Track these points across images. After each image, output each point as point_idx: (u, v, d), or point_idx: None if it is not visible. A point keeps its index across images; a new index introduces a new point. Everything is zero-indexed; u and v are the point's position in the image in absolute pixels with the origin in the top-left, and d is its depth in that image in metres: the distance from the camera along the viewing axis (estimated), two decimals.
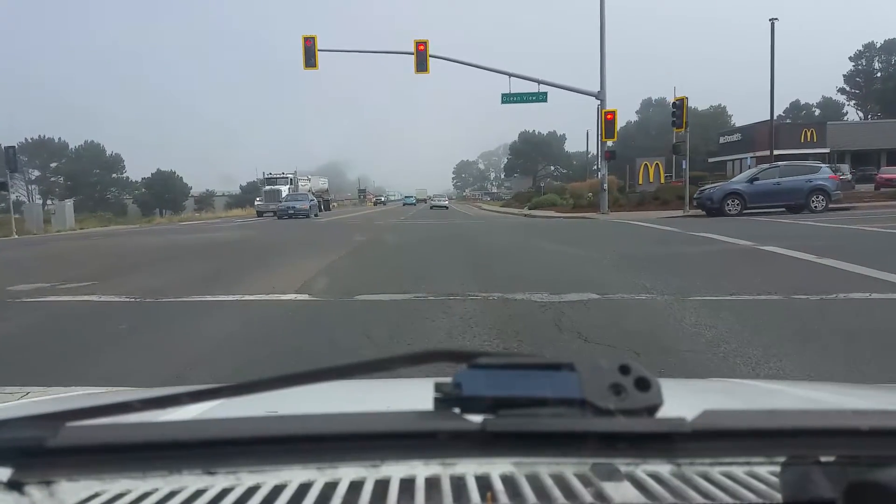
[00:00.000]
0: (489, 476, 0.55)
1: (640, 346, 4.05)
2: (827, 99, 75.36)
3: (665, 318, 4.79)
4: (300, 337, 4.43)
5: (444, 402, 0.57)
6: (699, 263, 8.00)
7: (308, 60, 24.98)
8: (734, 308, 5.11)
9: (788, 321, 4.64)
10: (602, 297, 5.67)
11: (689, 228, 14.34)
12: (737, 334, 4.27)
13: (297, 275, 7.64)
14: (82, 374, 3.64)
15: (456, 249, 11.41)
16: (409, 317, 5.06)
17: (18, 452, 0.55)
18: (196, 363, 3.86)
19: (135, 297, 6.22)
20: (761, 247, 9.44)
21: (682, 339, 4.17)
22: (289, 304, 5.70)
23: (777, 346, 3.93)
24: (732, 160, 52.18)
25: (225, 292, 6.38)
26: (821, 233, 12.35)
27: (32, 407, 1.16)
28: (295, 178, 44.14)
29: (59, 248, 15.03)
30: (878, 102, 67.07)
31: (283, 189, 39.98)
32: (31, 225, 25.66)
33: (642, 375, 0.56)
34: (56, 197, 67.70)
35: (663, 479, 0.56)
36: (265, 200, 39.80)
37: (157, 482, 0.56)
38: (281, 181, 42.35)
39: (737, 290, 5.83)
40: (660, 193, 27.02)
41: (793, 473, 0.54)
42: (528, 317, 5.05)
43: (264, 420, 0.62)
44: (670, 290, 5.92)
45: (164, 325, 5.00)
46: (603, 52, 25.70)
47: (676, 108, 23.15)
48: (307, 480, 0.56)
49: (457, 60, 26.81)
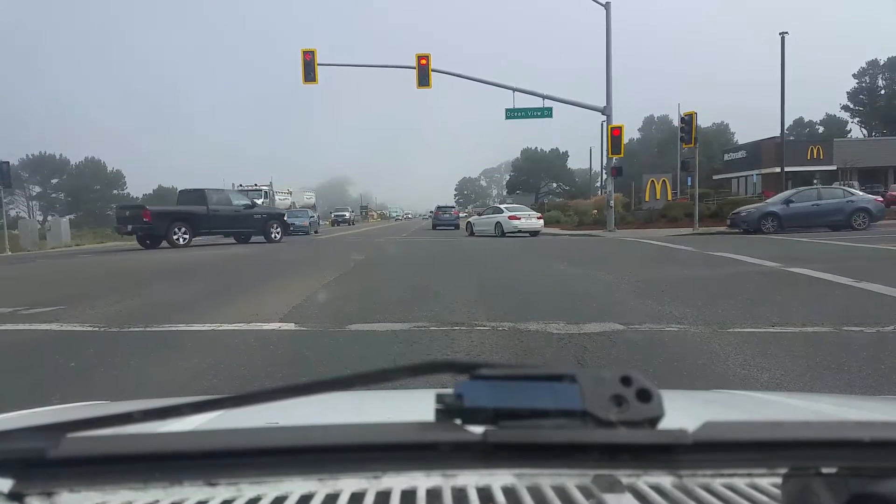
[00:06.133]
0: (490, 487, 0.56)
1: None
2: (830, 116, 75.10)
3: (706, 356, 4.10)
4: (278, 380, 3.73)
5: (446, 413, 0.57)
6: (727, 287, 7.30)
7: (307, 75, 24.50)
8: (781, 343, 4.42)
9: (849, 360, 3.95)
10: (627, 327, 4.98)
11: (704, 247, 13.67)
12: (796, 378, 3.58)
13: (284, 298, 6.95)
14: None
15: (460, 270, 10.73)
16: (408, 352, 4.38)
17: (19, 464, 0.55)
18: None
19: (99, 326, 5.53)
20: (789, 269, 8.77)
21: (733, 385, 3.48)
22: (270, 336, 4.99)
23: (848, 393, 3.25)
24: (737, 177, 51.70)
25: (201, 320, 5.69)
26: (845, 253, 11.68)
27: (33, 418, 1.12)
28: (271, 192, 37.32)
29: (41, 267, 14.36)
30: (882, 119, 66.81)
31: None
32: (25, 241, 25.15)
33: (644, 387, 0.56)
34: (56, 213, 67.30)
35: (665, 490, 0.56)
36: None
37: (158, 493, 0.55)
38: (253, 195, 35.21)
39: (779, 320, 5.14)
40: (667, 211, 26.40)
41: (795, 485, 0.54)
42: (545, 352, 4.37)
43: (265, 431, 0.61)
44: (702, 319, 5.23)
45: (119, 361, 4.29)
46: (609, 67, 25.22)
47: (685, 123, 22.59)
48: (308, 492, 0.56)
49: (460, 75, 26.33)
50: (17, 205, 76.48)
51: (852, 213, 19.44)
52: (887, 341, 4.44)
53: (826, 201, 19.99)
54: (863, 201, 19.93)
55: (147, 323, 5.61)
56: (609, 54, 25.13)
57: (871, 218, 19.42)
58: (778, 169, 32.18)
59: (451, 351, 4.38)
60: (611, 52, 25.12)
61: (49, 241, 26.46)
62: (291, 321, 5.57)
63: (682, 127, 23.16)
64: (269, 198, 37.64)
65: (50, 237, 27.01)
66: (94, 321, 5.79)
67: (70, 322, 5.80)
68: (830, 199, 20.04)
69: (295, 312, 6.05)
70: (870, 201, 20.02)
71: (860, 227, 19.00)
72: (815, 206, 19.86)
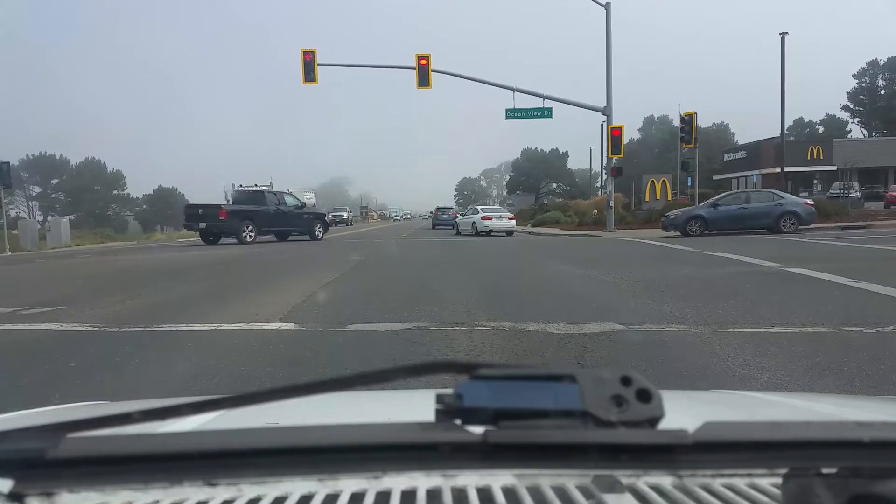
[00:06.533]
0: (490, 488, 0.56)
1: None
2: (830, 116, 75.07)
3: (706, 357, 4.10)
4: (276, 380, 3.73)
5: (446, 413, 0.57)
6: (726, 287, 7.30)
7: (308, 75, 24.47)
8: (782, 343, 4.42)
9: (850, 360, 3.94)
10: (627, 328, 4.98)
11: (703, 248, 13.67)
12: (796, 378, 3.58)
13: (285, 298, 6.95)
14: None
15: (459, 270, 10.73)
16: (409, 351, 4.38)
17: (19, 464, 0.55)
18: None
19: (99, 326, 5.53)
20: (789, 269, 8.77)
21: (733, 385, 3.48)
22: (270, 336, 4.99)
23: (849, 394, 3.25)
24: (737, 177, 51.70)
25: (201, 320, 5.68)
26: (845, 254, 11.69)
27: (33, 418, 1.12)
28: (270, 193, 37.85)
29: (42, 268, 14.37)
30: (882, 120, 66.78)
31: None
32: (25, 242, 25.14)
33: (644, 387, 0.56)
34: (57, 213, 67.28)
35: (665, 490, 0.56)
36: None
37: (159, 494, 0.55)
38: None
39: (778, 320, 5.14)
40: (667, 211, 26.35)
41: (795, 485, 0.54)
42: (545, 352, 4.37)
43: (265, 431, 0.61)
44: (702, 319, 5.23)
45: (119, 361, 4.29)
46: (609, 67, 25.21)
47: (685, 123, 22.59)
48: (308, 492, 0.56)
49: (460, 75, 26.31)
50: (16, 205, 76.49)
51: (780, 216, 19.48)
52: (887, 341, 4.44)
53: (754, 205, 20.18)
54: (792, 205, 19.96)
55: (148, 322, 5.61)
56: (609, 54, 25.12)
57: (799, 221, 19.38)
58: (778, 169, 32.16)
59: (451, 351, 4.38)
60: (611, 53, 25.11)
61: (49, 241, 26.45)
62: (291, 321, 5.57)
63: (682, 127, 23.17)
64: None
65: (50, 237, 27.00)
66: (95, 320, 5.79)
67: (71, 322, 5.80)
68: (758, 203, 20.19)
69: (295, 312, 6.05)
70: (799, 205, 20.07)
71: (788, 231, 19.07)
72: (743, 210, 20.09)
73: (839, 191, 36.55)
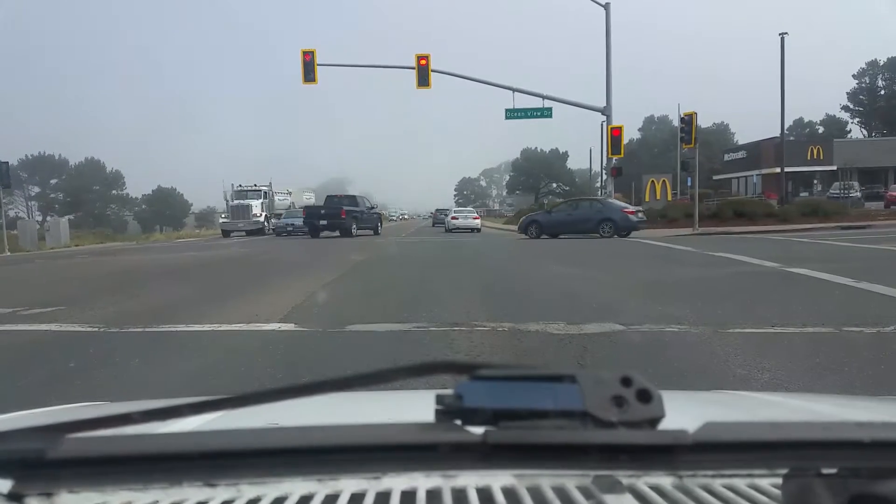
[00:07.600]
0: (490, 488, 0.55)
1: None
2: (830, 116, 74.98)
3: (706, 357, 4.10)
4: (276, 380, 3.73)
5: (446, 413, 0.57)
6: (726, 288, 7.31)
7: (307, 75, 24.50)
8: (782, 344, 4.42)
9: (850, 360, 3.94)
10: (627, 328, 4.98)
11: (704, 248, 13.67)
12: (797, 379, 3.58)
13: (285, 298, 6.95)
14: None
15: (459, 270, 10.73)
16: (408, 352, 4.38)
17: (19, 464, 0.55)
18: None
19: (99, 327, 5.53)
20: (789, 269, 8.77)
21: (733, 385, 3.47)
22: (270, 336, 4.99)
23: (849, 394, 3.25)
24: (737, 177, 51.72)
25: (201, 320, 5.68)
26: (845, 254, 11.69)
27: (33, 419, 1.13)
28: (270, 192, 37.12)
29: (41, 268, 14.36)
30: (882, 120, 66.77)
31: (255, 204, 33.90)
32: (24, 242, 25.11)
33: (644, 387, 0.56)
34: (56, 213, 67.19)
35: (665, 491, 0.55)
36: (232, 217, 33.62)
37: (158, 494, 0.55)
38: (252, 195, 34.99)
39: (779, 320, 5.14)
40: (667, 211, 26.36)
41: (795, 486, 0.54)
42: (545, 352, 4.37)
43: (265, 432, 0.61)
44: (702, 320, 5.23)
45: (119, 361, 4.29)
46: (609, 67, 25.23)
47: (685, 123, 22.60)
48: (308, 493, 0.56)
49: (459, 75, 26.34)
50: (16, 205, 76.42)
51: (599, 222, 21.22)
52: (887, 342, 4.44)
53: (578, 212, 22.34)
54: (610, 212, 21.45)
55: (148, 323, 5.61)
56: (609, 54, 25.14)
57: (616, 227, 20.87)
58: (778, 169, 32.19)
59: (451, 351, 4.38)
60: (611, 53, 25.14)
61: (48, 241, 26.39)
62: (291, 321, 5.57)
63: (682, 127, 23.17)
64: (269, 198, 36.78)
65: (49, 237, 26.94)
66: (95, 321, 5.79)
67: (71, 322, 5.80)
68: (583, 211, 22.31)
69: (295, 312, 6.05)
70: (616, 212, 21.48)
71: (606, 235, 20.73)
72: (569, 216, 22.23)
73: (839, 191, 36.60)
